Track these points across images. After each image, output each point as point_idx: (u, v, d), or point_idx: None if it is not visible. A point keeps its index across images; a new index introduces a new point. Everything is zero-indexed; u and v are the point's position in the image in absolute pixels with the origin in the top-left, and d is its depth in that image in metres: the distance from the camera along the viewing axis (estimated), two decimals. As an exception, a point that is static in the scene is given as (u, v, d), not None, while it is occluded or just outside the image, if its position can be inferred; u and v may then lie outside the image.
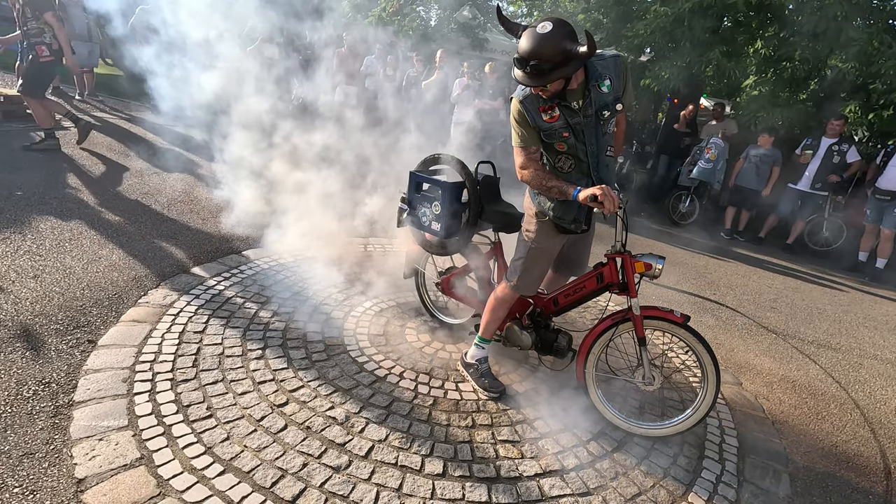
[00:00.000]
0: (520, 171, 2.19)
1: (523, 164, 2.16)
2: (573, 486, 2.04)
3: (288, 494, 1.81)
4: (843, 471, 2.44)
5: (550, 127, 2.07)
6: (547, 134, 2.09)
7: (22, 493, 1.67)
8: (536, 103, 2.06)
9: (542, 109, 2.06)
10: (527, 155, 2.15)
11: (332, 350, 2.69)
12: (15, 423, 1.94)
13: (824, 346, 3.84)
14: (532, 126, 2.09)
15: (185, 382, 2.28)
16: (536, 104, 2.06)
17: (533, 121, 2.08)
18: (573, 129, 2.07)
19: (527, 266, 2.34)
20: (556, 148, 2.14)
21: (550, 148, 2.16)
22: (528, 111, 2.07)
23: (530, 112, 2.07)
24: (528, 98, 2.07)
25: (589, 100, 2.04)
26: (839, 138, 6.22)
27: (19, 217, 3.58)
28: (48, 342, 2.40)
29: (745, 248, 6.53)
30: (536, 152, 2.17)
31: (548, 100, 2.03)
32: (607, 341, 2.33)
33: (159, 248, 3.52)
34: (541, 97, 2.04)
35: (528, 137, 2.12)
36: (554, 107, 2.04)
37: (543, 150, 2.20)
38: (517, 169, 2.20)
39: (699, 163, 6.98)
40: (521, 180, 2.22)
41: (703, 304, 4.31)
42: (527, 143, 2.13)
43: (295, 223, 3.91)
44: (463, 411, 2.38)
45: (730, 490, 2.16)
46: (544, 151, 2.20)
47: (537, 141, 2.14)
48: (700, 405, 2.26)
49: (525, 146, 2.14)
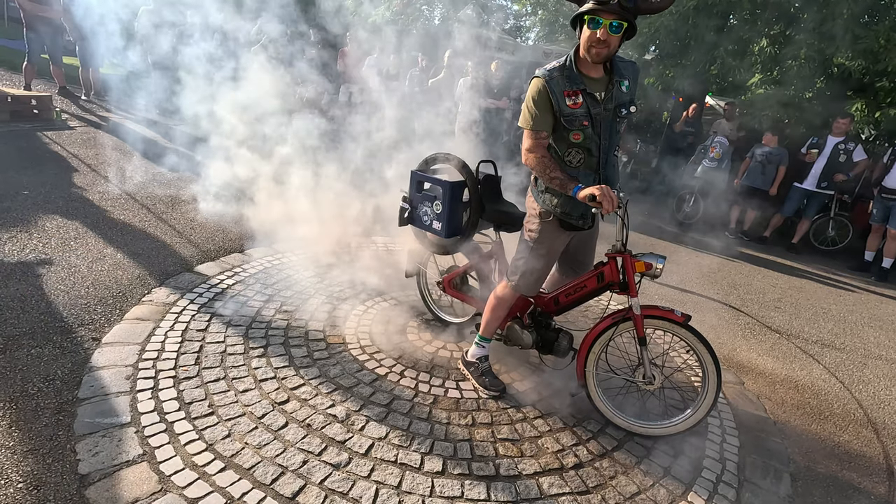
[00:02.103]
0: (525, 154, 2.14)
1: (531, 147, 2.11)
2: (572, 485, 2.04)
3: (288, 491, 1.82)
4: (845, 471, 2.42)
5: (572, 113, 2.03)
6: (568, 120, 2.04)
7: (26, 489, 1.70)
8: (562, 86, 2.02)
9: (566, 94, 2.02)
10: (536, 139, 2.10)
11: (333, 348, 2.71)
12: (20, 419, 1.96)
13: (828, 346, 3.82)
14: (551, 110, 2.04)
15: (187, 380, 2.30)
16: (562, 87, 2.02)
17: (556, 103, 2.02)
18: (593, 119, 2.05)
19: (528, 266, 2.33)
20: (570, 139, 2.10)
21: (563, 139, 2.12)
22: (553, 92, 2.01)
23: (555, 94, 2.02)
24: (554, 79, 2.02)
25: (611, 94, 2.06)
26: (845, 137, 6.17)
27: (25, 216, 3.62)
28: (53, 339, 2.43)
29: (749, 248, 6.49)
30: (546, 138, 2.12)
31: (573, 85, 2.01)
32: (607, 341, 2.32)
33: (163, 247, 3.55)
34: (568, 80, 2.00)
35: (542, 121, 2.07)
36: (578, 93, 2.02)
37: (553, 143, 2.15)
38: (523, 151, 2.15)
39: (704, 162, 6.95)
40: (524, 163, 2.17)
41: (707, 303, 4.29)
42: (539, 127, 2.08)
43: (298, 222, 3.93)
44: (463, 410, 2.39)
45: (730, 490, 2.16)
46: (554, 144, 2.15)
47: (550, 127, 2.09)
48: (701, 404, 2.26)
49: (536, 129, 2.08)
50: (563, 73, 2.05)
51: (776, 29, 7.27)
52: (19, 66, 7.56)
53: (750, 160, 6.77)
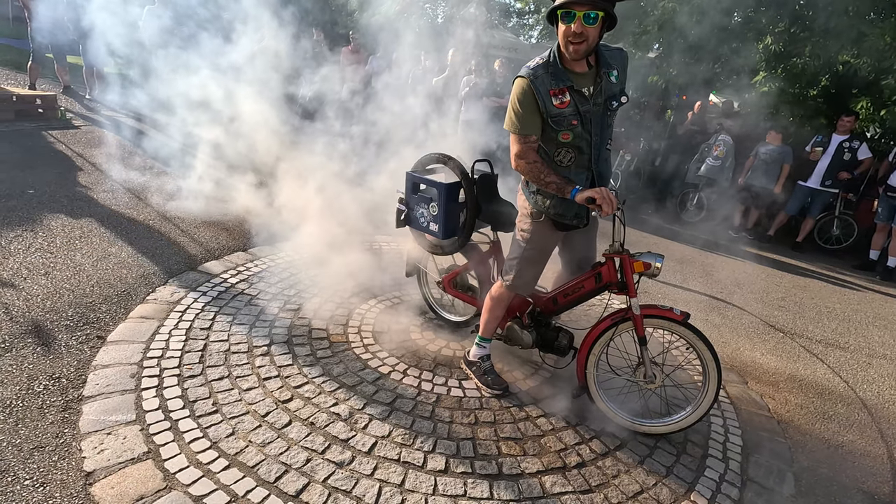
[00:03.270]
0: (516, 161, 2.04)
1: (520, 152, 2.02)
2: (575, 484, 2.05)
3: (291, 489, 1.83)
4: (849, 471, 2.42)
5: (560, 113, 1.94)
6: (556, 121, 1.96)
7: (32, 486, 1.71)
8: (548, 85, 1.93)
9: (552, 93, 1.93)
10: (525, 144, 2.00)
11: (336, 347, 2.72)
12: (26, 416, 1.98)
13: (832, 346, 3.80)
14: (538, 111, 1.95)
15: (191, 378, 2.32)
16: (548, 86, 1.93)
17: (543, 104, 1.93)
18: (582, 117, 1.97)
19: (521, 266, 2.31)
20: (559, 139, 2.01)
21: (552, 140, 2.03)
22: (539, 93, 1.92)
23: (541, 94, 1.92)
24: (539, 78, 1.92)
25: (600, 88, 1.98)
26: (850, 135, 6.14)
27: (31, 215, 3.64)
28: (58, 338, 2.45)
29: (753, 247, 6.46)
30: (536, 142, 2.02)
31: (558, 83, 1.93)
32: (607, 341, 2.32)
33: (167, 246, 3.57)
34: (553, 77, 1.91)
35: (529, 124, 1.97)
36: (565, 91, 1.93)
37: (542, 143, 2.05)
38: (513, 157, 2.06)
39: (707, 160, 6.92)
40: (515, 169, 2.08)
41: (710, 302, 4.28)
42: (527, 131, 1.98)
43: (301, 221, 3.94)
44: (466, 408, 2.39)
45: (733, 489, 2.16)
46: (543, 144, 2.05)
47: (538, 129, 2.00)
48: (702, 402, 2.26)
49: (524, 134, 1.99)
50: (548, 70, 1.95)
51: (780, 26, 7.22)
52: (24, 65, 7.60)
53: (753, 159, 6.74)
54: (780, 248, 6.54)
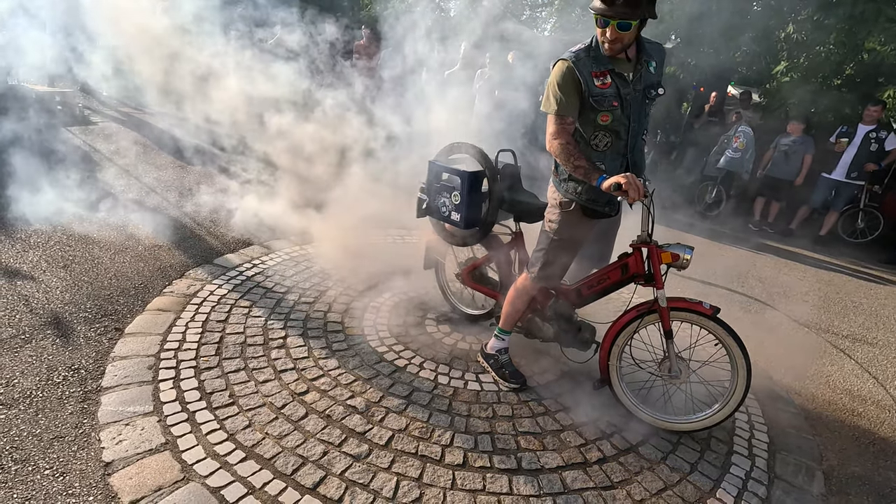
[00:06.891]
0: (550, 141, 2.06)
1: (555, 133, 2.03)
2: (596, 480, 2.00)
3: (308, 482, 1.81)
4: (882, 469, 2.33)
5: (602, 93, 1.97)
6: (597, 100, 1.97)
7: (52, 475, 1.72)
8: (590, 67, 1.97)
9: (594, 74, 1.97)
10: (561, 124, 2.02)
11: (352, 339, 2.70)
12: (46, 407, 1.99)
13: (860, 341, 3.68)
14: (577, 93, 1.97)
15: (208, 370, 2.31)
16: (590, 68, 1.97)
17: (585, 84, 1.96)
18: (623, 100, 2.00)
19: (549, 257, 2.28)
20: (598, 121, 2.03)
21: (591, 121, 2.04)
22: (581, 74, 1.95)
23: (583, 75, 1.95)
24: (581, 60, 1.97)
25: (640, 75, 2.01)
26: (877, 125, 5.94)
27: (49, 209, 3.67)
28: (77, 330, 2.46)
29: (774, 240, 6.31)
30: (572, 124, 2.04)
31: (600, 66, 1.96)
32: (632, 333, 2.26)
33: (184, 239, 3.58)
34: (595, 61, 1.96)
35: (568, 105, 1.99)
36: (606, 73, 1.97)
37: (580, 126, 2.07)
38: (548, 137, 2.08)
39: (727, 152, 6.76)
40: (548, 150, 2.09)
41: (731, 296, 4.18)
42: (565, 112, 2.00)
43: (317, 214, 3.93)
44: (483, 402, 2.35)
45: (760, 487, 2.09)
46: (580, 127, 2.07)
47: (576, 111, 2.02)
48: (729, 400, 2.19)
49: (562, 114, 2.01)
50: (590, 54, 1.99)
51: (803, 14, 7.02)
52: (43, 63, 7.69)
53: (773, 150, 6.57)
54: (802, 242, 6.38)
